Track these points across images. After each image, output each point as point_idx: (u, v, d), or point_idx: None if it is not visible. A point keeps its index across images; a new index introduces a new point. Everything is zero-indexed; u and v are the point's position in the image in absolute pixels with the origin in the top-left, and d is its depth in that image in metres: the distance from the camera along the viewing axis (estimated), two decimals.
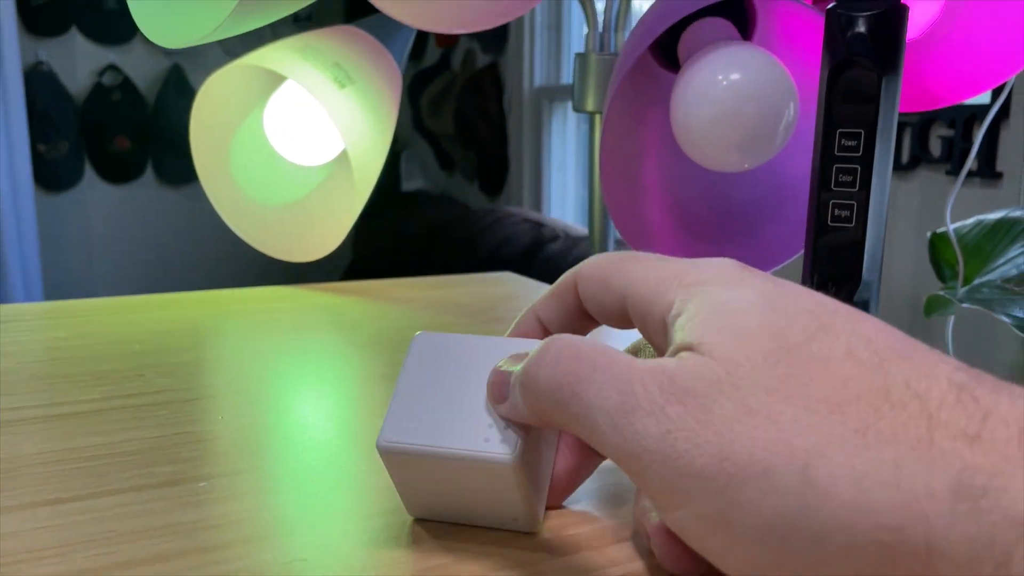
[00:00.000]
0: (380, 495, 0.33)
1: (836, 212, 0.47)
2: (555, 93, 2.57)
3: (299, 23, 3.00)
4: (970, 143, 1.39)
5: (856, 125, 0.46)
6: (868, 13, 0.45)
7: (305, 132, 0.73)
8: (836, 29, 0.46)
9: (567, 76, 2.55)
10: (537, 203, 2.66)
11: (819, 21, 0.53)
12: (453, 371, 0.28)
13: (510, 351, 0.28)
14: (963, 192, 1.40)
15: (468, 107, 2.87)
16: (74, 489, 0.33)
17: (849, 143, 0.46)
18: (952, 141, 1.40)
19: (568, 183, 2.64)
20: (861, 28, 0.45)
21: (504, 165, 2.76)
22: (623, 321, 0.28)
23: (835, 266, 0.47)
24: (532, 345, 0.26)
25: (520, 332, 0.30)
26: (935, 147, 1.43)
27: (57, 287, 2.94)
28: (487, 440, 0.26)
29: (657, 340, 0.26)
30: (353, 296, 0.72)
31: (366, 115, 0.71)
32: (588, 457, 0.31)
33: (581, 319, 0.29)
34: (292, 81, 0.71)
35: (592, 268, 0.28)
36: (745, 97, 0.52)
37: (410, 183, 3.28)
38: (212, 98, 0.72)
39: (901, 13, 0.45)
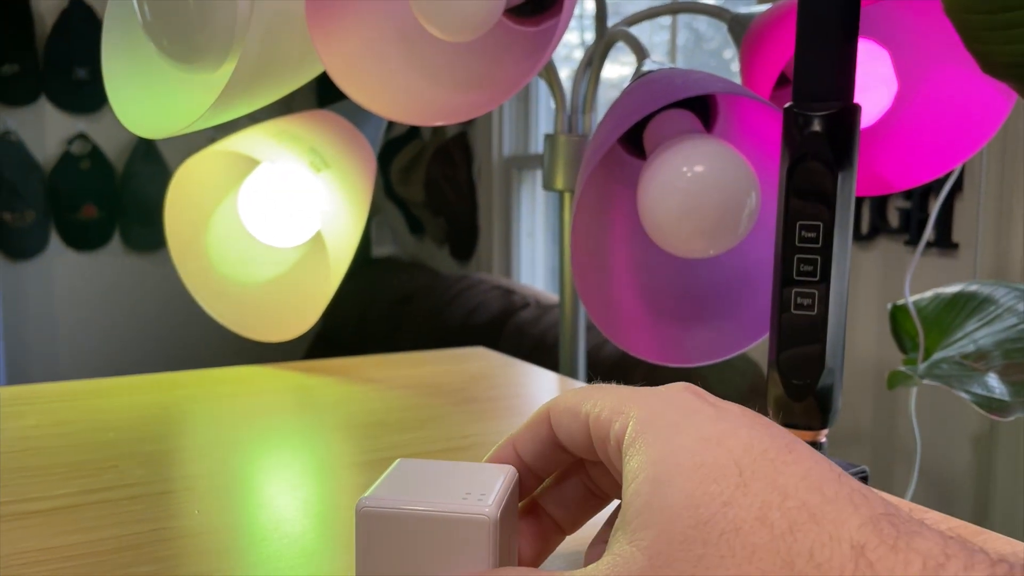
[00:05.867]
0: None
1: (799, 301, 0.49)
2: (524, 162, 2.62)
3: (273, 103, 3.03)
4: (926, 213, 1.43)
5: (814, 218, 0.48)
6: (823, 113, 0.48)
7: (280, 215, 0.74)
8: (793, 128, 0.48)
9: (535, 146, 2.59)
10: (507, 269, 2.68)
11: (777, 115, 0.56)
12: (431, 485, 0.30)
13: (481, 473, 0.30)
14: (921, 262, 1.44)
15: (438, 175, 2.90)
16: None
17: (809, 235, 0.48)
18: (909, 212, 1.44)
19: (537, 250, 2.67)
20: (816, 127, 0.48)
21: (474, 232, 2.79)
22: (592, 452, 0.29)
23: (799, 353, 0.49)
24: (501, 471, 0.29)
25: (497, 459, 0.31)
26: (893, 218, 1.47)
27: (20, 353, 2.90)
28: (465, 497, 0.28)
29: (616, 463, 0.27)
30: (324, 376, 0.73)
31: (341, 198, 0.73)
32: (547, 544, 0.33)
33: (555, 451, 0.31)
34: (268, 165, 0.72)
35: (563, 400, 0.30)
36: (708, 188, 0.54)
37: (381, 249, 3.30)
38: (188, 181, 0.73)
39: (854, 112, 0.48)
